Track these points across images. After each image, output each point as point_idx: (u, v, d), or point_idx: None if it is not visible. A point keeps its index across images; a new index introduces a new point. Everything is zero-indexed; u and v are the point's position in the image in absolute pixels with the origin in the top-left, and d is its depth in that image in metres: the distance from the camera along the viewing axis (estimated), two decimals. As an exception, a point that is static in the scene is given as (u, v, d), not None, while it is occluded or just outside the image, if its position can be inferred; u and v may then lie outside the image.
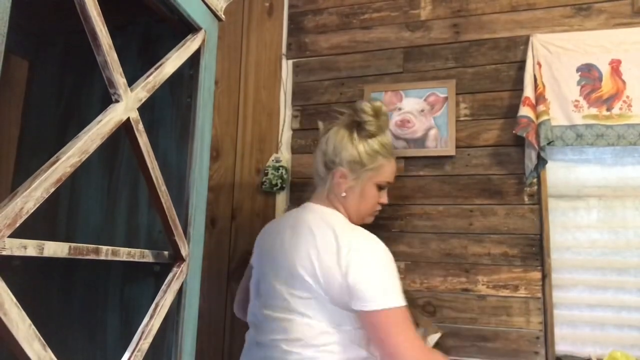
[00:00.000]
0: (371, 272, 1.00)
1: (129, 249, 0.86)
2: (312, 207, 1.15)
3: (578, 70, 1.42)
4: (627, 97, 1.36)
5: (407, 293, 1.47)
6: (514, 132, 1.40)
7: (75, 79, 1.29)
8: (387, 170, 1.17)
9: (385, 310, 0.97)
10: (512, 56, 1.53)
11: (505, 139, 1.49)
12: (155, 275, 1.14)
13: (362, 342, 1.04)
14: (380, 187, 1.17)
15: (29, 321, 0.60)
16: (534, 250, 1.41)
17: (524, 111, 1.39)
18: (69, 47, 1.32)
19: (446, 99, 1.54)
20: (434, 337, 1.36)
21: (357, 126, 1.15)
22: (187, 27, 1.05)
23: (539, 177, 1.43)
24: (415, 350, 0.97)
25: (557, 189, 1.46)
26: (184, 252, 0.97)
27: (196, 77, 1.07)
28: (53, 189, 0.64)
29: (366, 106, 1.15)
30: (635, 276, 1.37)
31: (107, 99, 0.79)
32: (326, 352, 1.00)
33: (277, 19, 1.82)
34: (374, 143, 1.14)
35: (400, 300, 0.98)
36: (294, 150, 1.70)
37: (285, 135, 1.72)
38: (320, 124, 1.25)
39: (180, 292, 0.97)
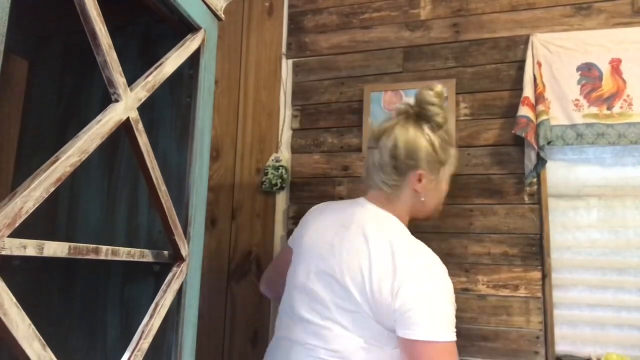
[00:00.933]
0: (425, 299, 0.90)
1: (129, 249, 0.86)
2: (368, 206, 1.05)
3: (578, 69, 1.42)
4: (628, 95, 1.36)
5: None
6: (513, 132, 1.40)
7: (75, 79, 1.29)
8: (456, 160, 1.08)
9: (431, 343, 0.87)
10: (512, 56, 1.53)
11: (505, 139, 1.49)
12: (155, 275, 1.14)
13: None
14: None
15: (28, 321, 0.60)
16: (534, 250, 1.41)
17: (523, 111, 1.39)
18: (69, 47, 1.32)
19: (446, 98, 1.54)
20: None
21: (425, 120, 1.03)
22: (187, 27, 1.05)
23: (538, 177, 1.43)
24: None
25: (557, 188, 1.45)
26: (184, 252, 0.97)
27: (196, 77, 1.07)
28: (53, 189, 0.64)
29: (430, 96, 1.03)
30: (635, 276, 1.37)
31: (107, 99, 0.79)
32: None
33: (277, 18, 1.82)
34: (444, 135, 1.04)
35: (450, 335, 0.88)
36: (294, 150, 1.70)
37: (285, 135, 1.72)
38: (373, 123, 1.13)
39: (180, 292, 0.97)
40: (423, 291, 0.91)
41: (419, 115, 1.04)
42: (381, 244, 0.96)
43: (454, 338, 0.89)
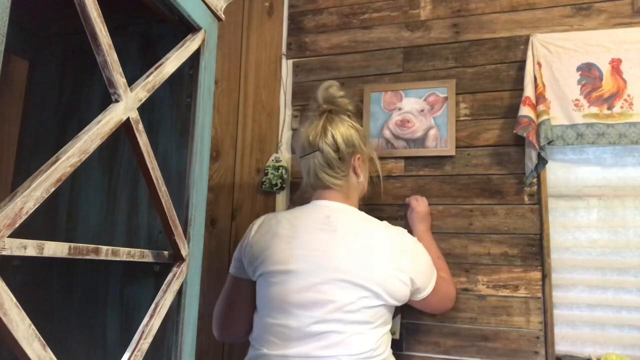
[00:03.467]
0: (423, 263, 1.12)
1: (129, 249, 0.86)
2: (333, 205, 1.12)
3: (578, 69, 1.42)
4: (628, 95, 1.36)
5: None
6: (514, 131, 1.40)
7: (75, 79, 1.30)
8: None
9: (435, 286, 1.14)
10: (512, 56, 1.53)
11: (506, 139, 1.49)
12: (155, 275, 1.14)
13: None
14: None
15: (28, 321, 0.60)
16: (534, 250, 1.41)
17: (525, 111, 1.39)
18: (69, 47, 1.32)
19: (446, 98, 1.54)
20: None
21: (341, 112, 1.19)
22: (187, 27, 1.05)
23: (539, 177, 1.43)
24: (452, 289, 1.29)
25: (557, 188, 1.45)
26: (184, 252, 0.97)
27: (196, 77, 1.07)
28: (53, 189, 0.64)
29: (335, 90, 1.20)
30: (635, 276, 1.37)
31: (107, 99, 0.79)
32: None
33: (277, 18, 1.82)
34: (357, 119, 1.22)
35: (434, 274, 1.16)
36: (294, 150, 1.70)
37: (285, 135, 1.72)
38: (297, 126, 1.30)
39: (180, 292, 0.97)
40: (420, 258, 1.12)
41: (333, 110, 1.18)
42: (374, 234, 1.08)
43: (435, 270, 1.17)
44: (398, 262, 1.06)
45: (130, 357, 0.80)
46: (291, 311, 1.03)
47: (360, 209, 1.21)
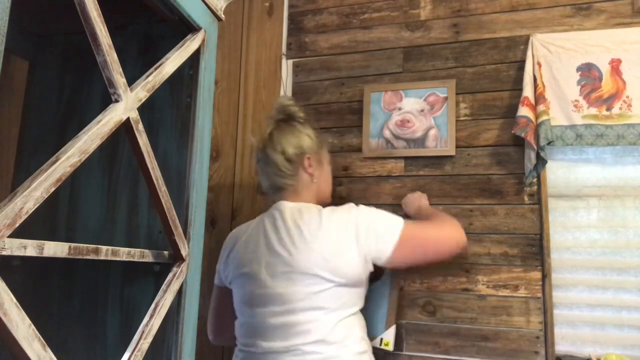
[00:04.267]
0: (365, 225, 1.09)
1: (129, 249, 0.86)
2: (287, 204, 1.18)
3: (578, 69, 1.42)
4: (627, 96, 1.36)
5: (407, 293, 1.48)
6: (512, 132, 1.40)
7: (75, 79, 1.30)
8: (328, 144, 1.33)
9: (402, 234, 1.09)
10: (512, 56, 1.53)
11: (505, 139, 1.49)
12: (155, 275, 1.14)
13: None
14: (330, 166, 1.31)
15: (28, 321, 0.60)
16: (534, 250, 1.41)
17: (523, 111, 1.39)
18: (69, 47, 1.32)
19: (446, 98, 1.54)
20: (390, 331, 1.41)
21: (292, 120, 1.26)
22: (187, 27, 1.05)
23: (538, 177, 1.43)
24: (445, 229, 1.15)
25: (557, 188, 1.46)
26: (183, 252, 0.97)
27: (196, 77, 1.07)
28: (53, 189, 0.64)
29: (286, 100, 1.28)
30: (635, 276, 1.37)
31: (107, 99, 0.79)
32: (346, 346, 1.05)
33: (277, 18, 1.82)
34: (311, 127, 1.27)
35: (400, 219, 1.12)
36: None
37: (285, 135, 1.72)
38: (252, 138, 1.39)
39: (180, 292, 0.97)
40: (371, 216, 1.12)
41: (285, 120, 1.26)
42: (320, 220, 1.10)
43: (402, 220, 1.12)
44: (341, 236, 1.08)
45: (130, 357, 0.80)
46: (252, 310, 1.11)
47: None
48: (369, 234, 1.08)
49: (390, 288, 1.43)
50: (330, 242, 1.07)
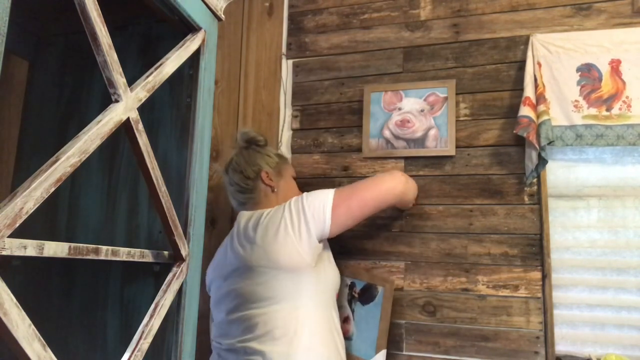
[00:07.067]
0: (308, 198, 1.21)
1: (129, 249, 0.86)
2: (244, 214, 1.31)
3: (578, 70, 1.42)
4: (627, 97, 1.36)
5: (407, 293, 1.48)
6: (514, 132, 1.40)
7: (75, 79, 1.30)
8: (291, 166, 1.49)
9: (334, 199, 1.20)
10: (512, 56, 1.53)
11: (506, 139, 1.49)
12: (155, 275, 1.14)
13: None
14: (295, 179, 1.45)
15: (28, 321, 0.60)
16: (534, 250, 1.41)
17: (525, 111, 1.39)
18: (69, 47, 1.32)
19: (446, 98, 1.54)
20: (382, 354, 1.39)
21: (252, 145, 1.43)
22: (187, 27, 1.05)
23: (539, 177, 1.43)
24: (375, 182, 1.27)
25: (557, 189, 1.46)
26: (183, 252, 0.97)
27: (196, 77, 1.07)
28: (53, 189, 0.64)
29: (247, 130, 1.46)
30: (635, 276, 1.37)
31: (107, 99, 0.79)
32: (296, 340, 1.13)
33: (277, 19, 1.82)
34: (270, 149, 1.46)
35: (331, 189, 1.24)
36: (294, 150, 1.70)
37: (285, 135, 1.72)
38: (217, 166, 1.67)
39: (180, 292, 0.97)
40: (305, 198, 1.22)
41: (246, 146, 1.43)
42: (267, 218, 1.22)
43: (332, 189, 1.24)
44: (278, 224, 1.19)
45: (130, 357, 0.80)
46: (216, 310, 1.28)
47: None
48: (303, 215, 1.18)
49: (381, 311, 1.41)
50: (270, 234, 1.17)
